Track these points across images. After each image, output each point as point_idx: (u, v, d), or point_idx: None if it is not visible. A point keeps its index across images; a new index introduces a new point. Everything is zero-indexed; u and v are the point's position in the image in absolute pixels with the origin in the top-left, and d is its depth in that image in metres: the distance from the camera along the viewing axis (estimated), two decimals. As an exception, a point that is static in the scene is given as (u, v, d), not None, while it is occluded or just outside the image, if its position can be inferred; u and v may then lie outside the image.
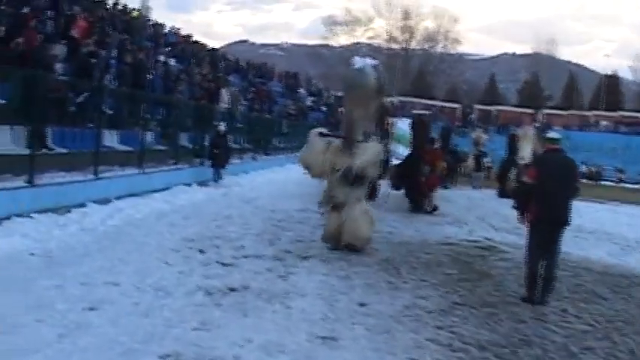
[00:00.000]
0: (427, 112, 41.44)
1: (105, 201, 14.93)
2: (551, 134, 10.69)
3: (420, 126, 23.51)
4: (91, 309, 7.70)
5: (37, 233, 11.29)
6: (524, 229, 17.98)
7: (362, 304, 9.13)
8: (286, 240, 13.49)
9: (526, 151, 25.89)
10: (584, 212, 22.01)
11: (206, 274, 10.01)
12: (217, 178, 22.59)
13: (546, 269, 10.17)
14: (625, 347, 8.33)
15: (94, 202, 14.48)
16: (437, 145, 25.46)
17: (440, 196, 27.28)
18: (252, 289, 9.33)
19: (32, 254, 10.13)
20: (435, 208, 21.06)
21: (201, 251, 11.62)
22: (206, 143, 23.31)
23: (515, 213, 10.94)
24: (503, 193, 27.80)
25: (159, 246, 11.69)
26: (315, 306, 8.79)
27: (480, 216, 21.54)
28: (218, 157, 22.46)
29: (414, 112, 58.91)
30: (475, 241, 15.76)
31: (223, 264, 10.83)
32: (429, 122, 27.92)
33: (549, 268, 10.19)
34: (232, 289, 9.24)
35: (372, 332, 7.93)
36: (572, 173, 10.46)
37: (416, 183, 20.85)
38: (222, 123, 23.53)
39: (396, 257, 12.81)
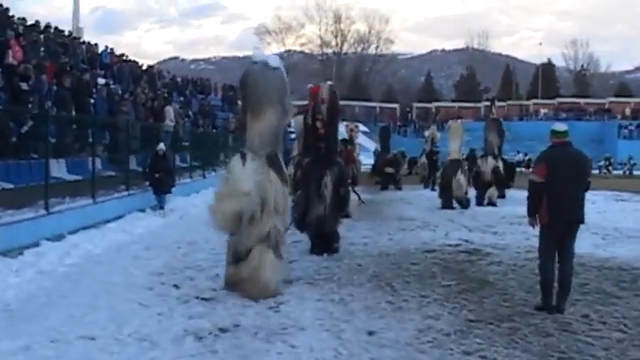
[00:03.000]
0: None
1: (59, 237, 13.71)
2: (558, 126, 9.77)
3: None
4: (70, 374, 6.53)
5: (-10, 283, 10.03)
6: (499, 229, 17.92)
7: (371, 333, 8.15)
8: (262, 263, 12.42)
9: (454, 145, 24.90)
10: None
11: (188, 313, 8.89)
12: (162, 204, 20.28)
13: (561, 273, 9.35)
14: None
15: (48, 239, 13.24)
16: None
17: (397, 197, 26.72)
18: (244, 327, 8.26)
19: (-12, 310, 8.90)
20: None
21: (175, 286, 10.49)
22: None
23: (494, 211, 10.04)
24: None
25: (128, 284, 10.53)
26: (321, 341, 7.74)
27: (448, 217, 20.77)
28: (160, 182, 19.90)
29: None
30: (456, 245, 15.00)
31: (204, 299, 9.74)
32: None
33: (565, 272, 9.36)
34: (223, 330, 8.16)
35: (396, 368, 6.93)
36: (584, 168, 9.64)
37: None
38: (161, 142, 21.02)
39: (384, 272, 11.92)
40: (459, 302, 9.76)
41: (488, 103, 60.80)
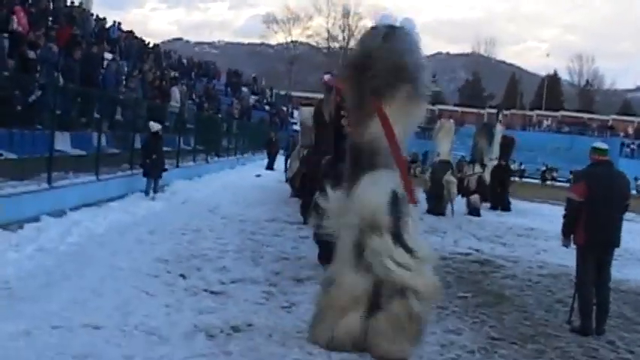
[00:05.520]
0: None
1: (60, 213, 13.16)
2: (599, 144, 9.39)
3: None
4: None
5: (-12, 257, 9.51)
6: (508, 240, 17.54)
7: (392, 344, 7.66)
8: (270, 258, 12.05)
9: (444, 147, 24.00)
10: (551, 216, 21.30)
11: (198, 307, 8.39)
12: (155, 189, 18.48)
13: (600, 296, 9.05)
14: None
15: (49, 214, 12.70)
16: None
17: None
18: (258, 327, 7.76)
19: (-14, 287, 8.38)
20: None
21: (182, 276, 9.97)
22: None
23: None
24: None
25: (133, 270, 9.99)
26: (340, 350, 7.26)
27: (455, 223, 20.38)
28: (154, 165, 18.18)
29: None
30: (467, 254, 14.69)
31: (213, 292, 9.26)
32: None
33: (603, 295, 9.06)
34: (235, 329, 7.66)
35: (422, 386, 6.47)
36: (624, 189, 9.26)
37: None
38: (151, 122, 18.96)
39: (397, 277, 11.41)
40: (478, 317, 9.37)
41: (492, 110, 60.52)
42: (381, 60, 7.22)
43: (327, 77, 13.77)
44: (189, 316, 7.94)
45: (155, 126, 18.58)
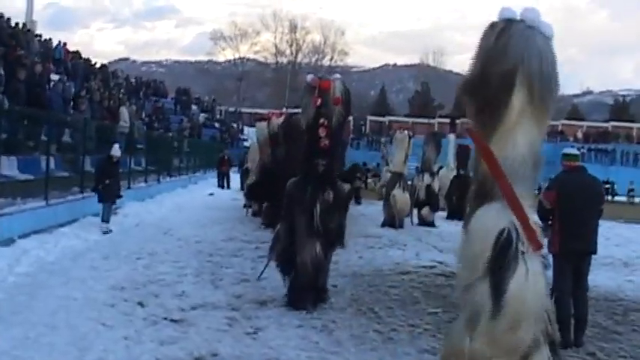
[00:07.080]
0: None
1: (8, 242, 12.60)
2: (569, 150, 9.16)
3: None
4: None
5: None
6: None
7: (366, 369, 7.30)
8: (230, 280, 11.62)
9: (396, 158, 23.55)
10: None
11: (158, 337, 7.93)
12: (108, 216, 17.00)
13: (577, 307, 8.75)
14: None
15: (-4, 244, 12.14)
16: None
17: (357, 212, 25.86)
18: (223, 357, 7.38)
19: None
20: None
21: (140, 304, 9.51)
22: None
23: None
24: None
25: (88, 300, 9.51)
26: (312, 378, 6.88)
27: (415, 235, 20.08)
28: (110, 190, 16.85)
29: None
30: (431, 267, 14.32)
31: (173, 320, 8.80)
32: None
33: (581, 305, 8.80)
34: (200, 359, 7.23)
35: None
36: (597, 195, 8.99)
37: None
38: (115, 144, 17.68)
39: (362, 295, 11.12)
40: (451, 334, 9.01)
41: (442, 120, 60.42)
42: (492, 64, 5.91)
43: (309, 77, 12.34)
44: (149, 348, 7.49)
45: (118, 150, 17.37)
